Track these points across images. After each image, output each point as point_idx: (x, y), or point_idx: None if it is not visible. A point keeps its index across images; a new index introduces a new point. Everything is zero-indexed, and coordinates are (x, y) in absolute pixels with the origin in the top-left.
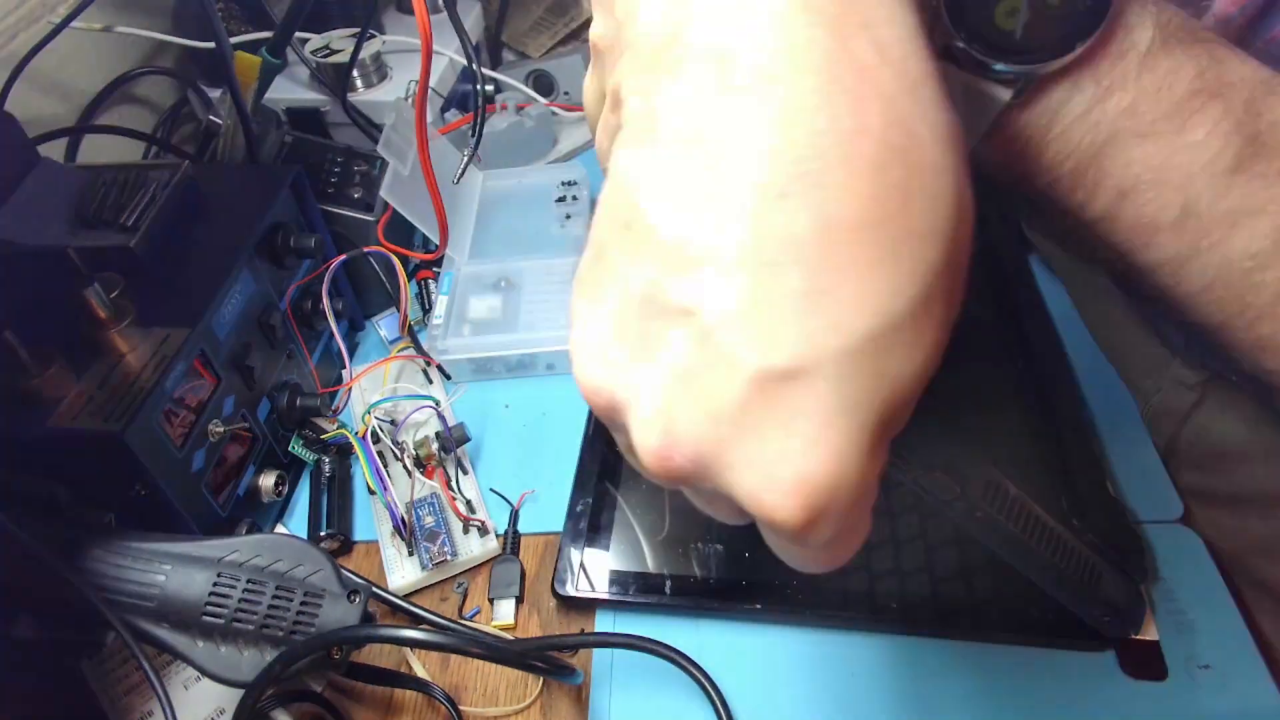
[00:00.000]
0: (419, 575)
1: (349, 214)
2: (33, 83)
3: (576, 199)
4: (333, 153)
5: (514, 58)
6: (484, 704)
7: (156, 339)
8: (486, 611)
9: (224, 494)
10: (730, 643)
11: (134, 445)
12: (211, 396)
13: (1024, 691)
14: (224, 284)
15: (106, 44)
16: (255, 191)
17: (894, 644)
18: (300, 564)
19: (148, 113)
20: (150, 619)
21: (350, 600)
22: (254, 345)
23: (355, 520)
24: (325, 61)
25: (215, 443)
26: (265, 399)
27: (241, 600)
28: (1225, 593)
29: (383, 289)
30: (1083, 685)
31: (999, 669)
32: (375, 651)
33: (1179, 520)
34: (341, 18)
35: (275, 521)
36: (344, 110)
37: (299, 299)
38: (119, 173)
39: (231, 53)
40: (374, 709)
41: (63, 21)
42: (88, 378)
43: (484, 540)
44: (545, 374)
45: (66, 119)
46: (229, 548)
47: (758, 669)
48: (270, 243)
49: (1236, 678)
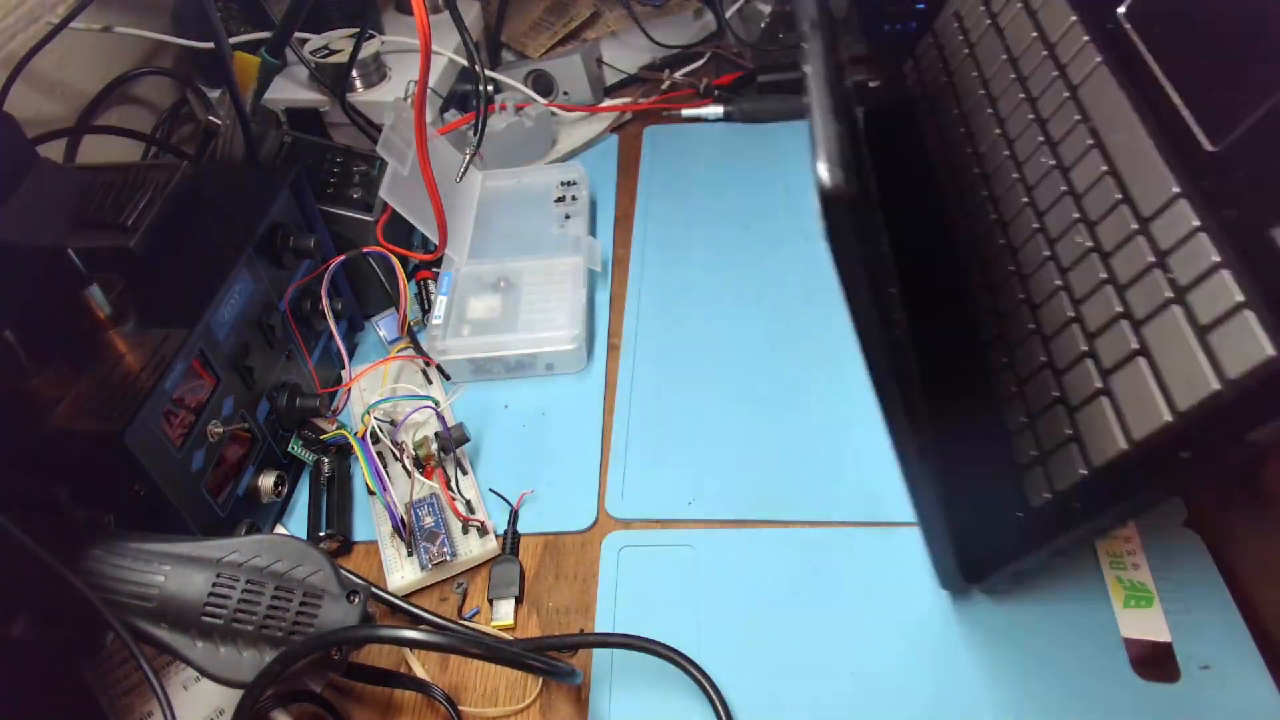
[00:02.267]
0: (418, 576)
1: (348, 214)
2: (32, 83)
3: (576, 199)
4: (332, 153)
5: (513, 58)
6: (483, 704)
7: (156, 339)
8: (486, 612)
9: (223, 494)
10: (730, 643)
11: (133, 445)
12: (211, 397)
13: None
14: (223, 284)
15: (105, 44)
16: (254, 192)
17: (897, 644)
18: (300, 564)
19: (147, 113)
20: (149, 619)
21: (350, 600)
22: (253, 345)
23: (355, 521)
24: (324, 62)
25: (214, 443)
26: (264, 399)
27: (241, 601)
28: (1225, 593)
29: (382, 289)
30: (1094, 686)
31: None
32: (375, 652)
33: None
34: (341, 18)
35: (274, 522)
36: (343, 110)
37: (298, 299)
38: (118, 173)
39: (230, 53)
40: (373, 709)
41: (62, 22)
42: (87, 378)
43: (483, 540)
44: (545, 374)
45: (66, 119)
46: (228, 548)
47: (758, 669)
48: (269, 243)
49: (1237, 678)
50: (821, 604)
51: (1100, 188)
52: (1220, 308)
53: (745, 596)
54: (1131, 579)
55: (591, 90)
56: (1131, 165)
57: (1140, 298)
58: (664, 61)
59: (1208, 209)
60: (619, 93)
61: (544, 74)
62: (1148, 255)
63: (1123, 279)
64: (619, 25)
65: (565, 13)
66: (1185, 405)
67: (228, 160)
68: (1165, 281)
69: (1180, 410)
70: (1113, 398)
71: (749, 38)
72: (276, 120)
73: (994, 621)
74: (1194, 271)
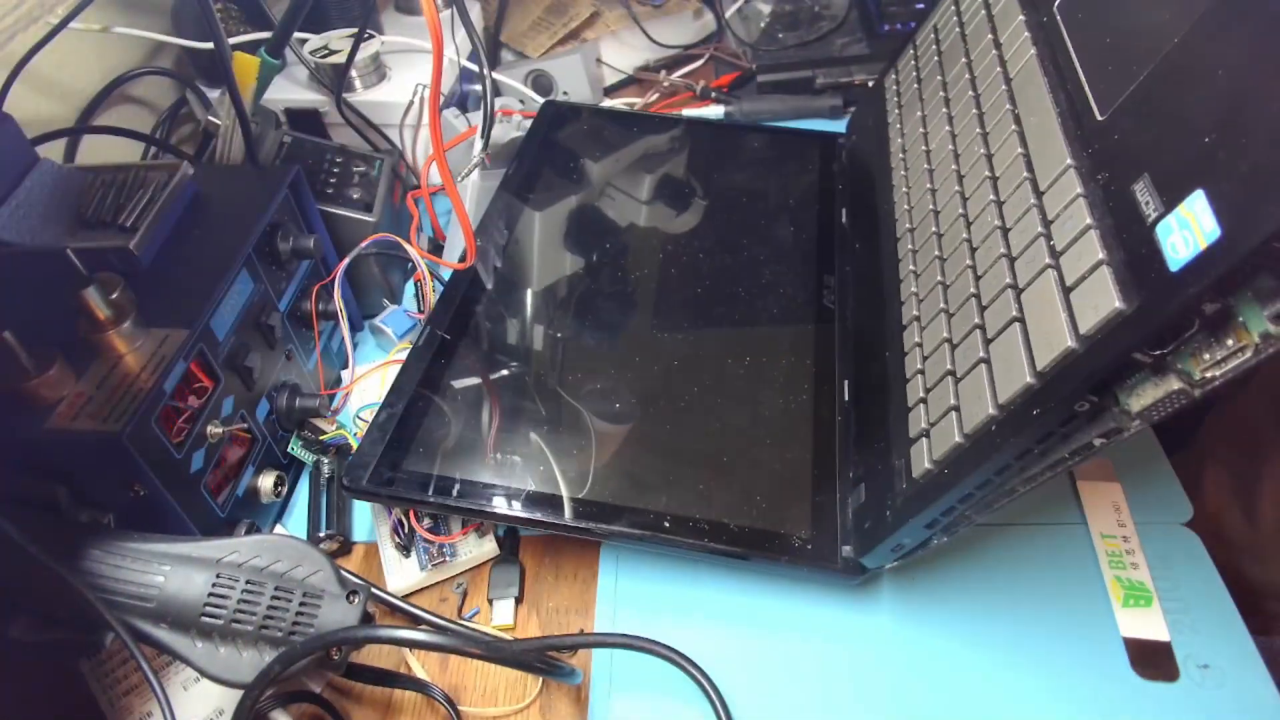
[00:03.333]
0: (418, 576)
1: (348, 214)
2: (31, 83)
3: None
4: (332, 153)
5: (513, 57)
6: (483, 704)
7: (155, 339)
8: (486, 612)
9: (223, 494)
10: (730, 643)
11: (133, 446)
12: (210, 397)
13: (1034, 692)
14: (223, 284)
15: (105, 44)
16: (254, 192)
17: (880, 641)
18: (299, 565)
19: (146, 113)
20: (149, 620)
21: (349, 601)
22: (253, 345)
23: (354, 521)
24: (324, 62)
25: (214, 443)
26: (264, 399)
27: (240, 601)
28: (1225, 593)
29: (381, 290)
30: (1093, 685)
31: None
32: (374, 652)
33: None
34: (340, 18)
35: (274, 522)
36: (339, 111)
37: (298, 299)
38: (118, 173)
39: (230, 53)
40: (373, 709)
41: (61, 22)
42: (87, 378)
43: (483, 541)
44: None
45: (65, 119)
46: (228, 548)
47: (757, 669)
48: (269, 243)
49: (1237, 678)
50: (821, 604)
51: (1013, 169)
52: (1084, 266)
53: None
54: (1130, 578)
55: (591, 90)
56: (1039, 144)
57: (1024, 267)
58: (661, 62)
59: (1090, 175)
60: (618, 93)
61: (544, 74)
62: (1038, 226)
63: (1015, 251)
64: (619, 25)
65: (565, 12)
66: (1043, 364)
67: (227, 160)
68: (1047, 249)
69: (1040, 370)
70: (989, 365)
71: (749, 38)
72: (276, 120)
73: (993, 621)
74: (1069, 235)
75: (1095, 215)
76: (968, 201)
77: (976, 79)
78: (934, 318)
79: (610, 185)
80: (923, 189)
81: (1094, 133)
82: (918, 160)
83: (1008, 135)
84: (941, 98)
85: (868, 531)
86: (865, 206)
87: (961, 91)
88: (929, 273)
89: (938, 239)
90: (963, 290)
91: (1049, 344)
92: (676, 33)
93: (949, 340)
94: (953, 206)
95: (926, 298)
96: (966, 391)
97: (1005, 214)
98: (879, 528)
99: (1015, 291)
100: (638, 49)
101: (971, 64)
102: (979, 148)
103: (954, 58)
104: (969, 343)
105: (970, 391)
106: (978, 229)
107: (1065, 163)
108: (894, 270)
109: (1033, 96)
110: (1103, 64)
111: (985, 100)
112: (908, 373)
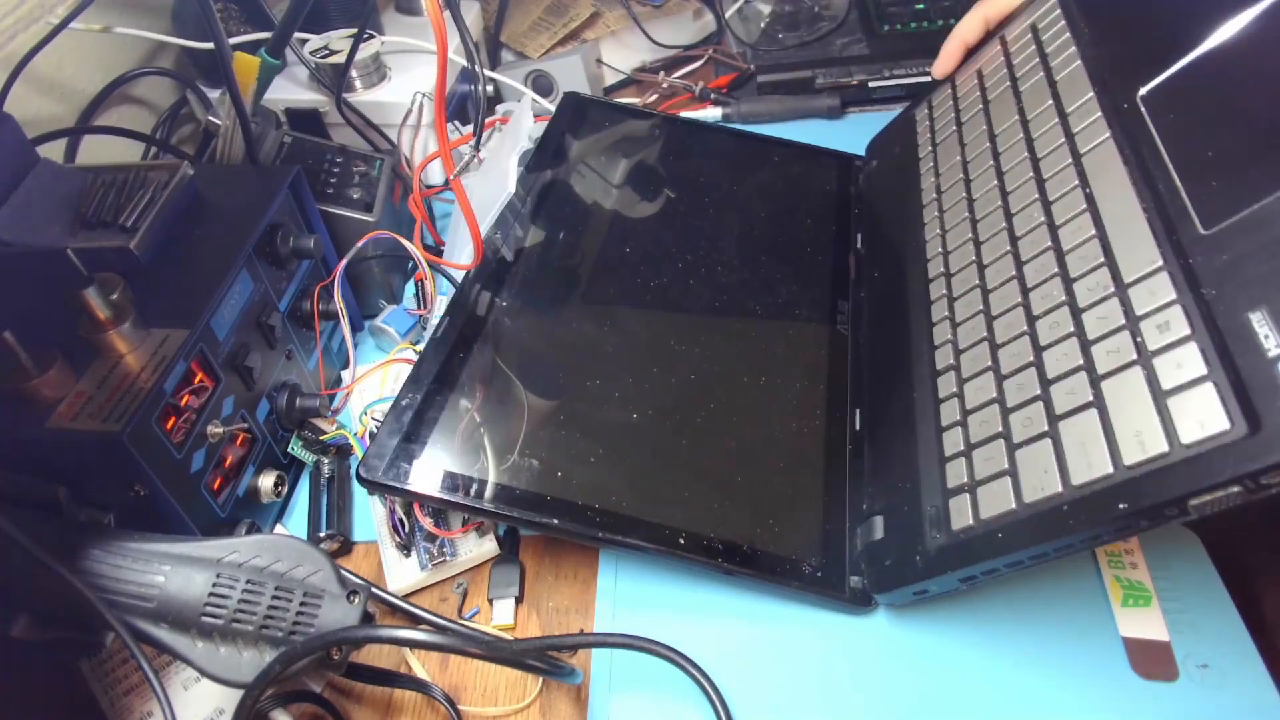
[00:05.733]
0: (418, 576)
1: (348, 214)
2: (32, 83)
3: None
4: (332, 153)
5: (513, 58)
6: (483, 704)
7: (156, 339)
8: (486, 612)
9: (223, 494)
10: (730, 643)
11: (133, 446)
12: (211, 397)
13: (1033, 692)
14: (223, 284)
15: (105, 44)
16: (254, 192)
17: (880, 641)
18: (300, 564)
19: (147, 113)
20: (149, 619)
21: (350, 600)
22: (253, 345)
23: (355, 521)
24: (324, 62)
25: (214, 443)
26: (264, 399)
27: (241, 601)
28: (1224, 593)
29: (382, 290)
30: (1092, 685)
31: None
32: (375, 652)
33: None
34: (341, 18)
35: (275, 522)
36: (339, 111)
37: (298, 299)
38: (118, 173)
39: (230, 53)
40: (373, 709)
41: (62, 22)
42: (87, 378)
43: (483, 541)
44: None
45: (66, 119)
46: (228, 548)
47: (757, 669)
48: (269, 243)
49: (1236, 677)
50: (820, 605)
51: (1086, 248)
52: (1184, 376)
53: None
54: (1130, 578)
55: (591, 91)
56: (1120, 233)
57: (1104, 355)
58: (661, 63)
59: (1188, 285)
60: (618, 93)
61: (544, 74)
62: (1119, 317)
63: (1090, 335)
64: (618, 25)
65: (565, 13)
66: (1131, 460)
67: (228, 160)
68: (1133, 344)
69: (1125, 464)
70: (1056, 441)
71: (749, 38)
72: (276, 120)
73: (992, 621)
74: (1164, 339)
75: (1195, 326)
76: (1024, 265)
77: (1034, 142)
78: (979, 373)
79: (627, 187)
80: (964, 236)
81: (1194, 243)
82: (957, 206)
83: (1078, 212)
84: (989, 149)
85: (889, 571)
86: (886, 238)
87: (1016, 150)
88: (972, 325)
89: (982, 292)
90: (1019, 355)
91: (1140, 443)
92: (676, 33)
93: (999, 402)
94: (1004, 264)
95: (968, 350)
96: (1026, 461)
97: (1075, 292)
98: (906, 571)
99: (1090, 375)
100: (637, 49)
101: (1028, 125)
102: (1038, 214)
103: (1005, 112)
104: (1029, 412)
105: (1031, 462)
106: (1038, 298)
107: (1155, 263)
108: (924, 311)
109: (1111, 183)
110: (1204, 176)
111: (1047, 169)
112: (943, 420)
